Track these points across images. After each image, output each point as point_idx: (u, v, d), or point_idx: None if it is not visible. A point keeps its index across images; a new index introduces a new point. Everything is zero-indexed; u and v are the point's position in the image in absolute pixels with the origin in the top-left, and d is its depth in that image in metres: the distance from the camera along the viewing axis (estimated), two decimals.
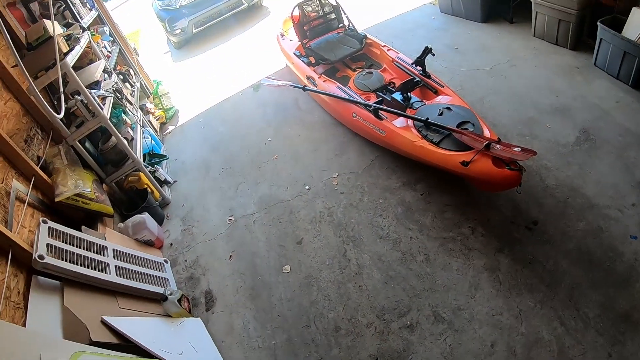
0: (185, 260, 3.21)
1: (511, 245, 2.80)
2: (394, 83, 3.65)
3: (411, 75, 3.57)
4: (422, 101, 3.32)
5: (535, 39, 4.48)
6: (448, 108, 3.07)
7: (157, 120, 4.58)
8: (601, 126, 3.49)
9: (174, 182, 3.84)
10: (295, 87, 3.83)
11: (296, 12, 4.24)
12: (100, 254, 2.66)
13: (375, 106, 3.16)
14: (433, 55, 3.52)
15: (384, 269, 2.82)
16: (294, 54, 4.28)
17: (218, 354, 2.67)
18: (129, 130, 3.58)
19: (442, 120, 2.96)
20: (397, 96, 3.31)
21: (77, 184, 2.86)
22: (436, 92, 3.40)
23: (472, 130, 2.85)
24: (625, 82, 3.77)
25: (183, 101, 5.05)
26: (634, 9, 3.57)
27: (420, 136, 2.94)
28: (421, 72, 3.53)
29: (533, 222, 2.90)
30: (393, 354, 2.48)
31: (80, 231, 2.75)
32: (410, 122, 3.07)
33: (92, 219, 3.04)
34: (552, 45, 4.37)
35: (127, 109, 3.79)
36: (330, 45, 4.13)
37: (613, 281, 2.57)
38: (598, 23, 3.71)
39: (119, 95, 3.69)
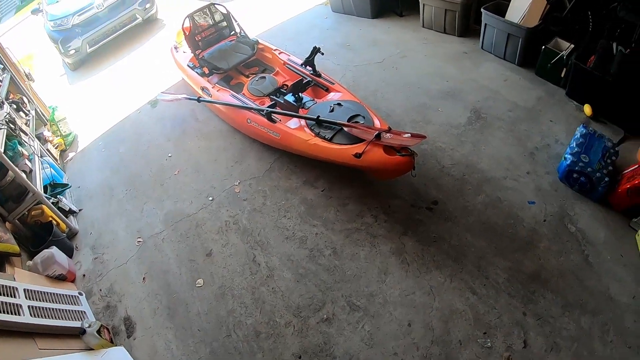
0: (100, 290, 3.01)
1: (414, 227, 2.88)
2: (287, 85, 3.60)
3: (302, 76, 3.54)
4: (313, 100, 3.31)
5: (424, 30, 4.65)
6: (339, 104, 3.09)
7: (56, 148, 4.21)
8: (491, 105, 3.68)
9: (79, 210, 3.57)
10: (190, 99, 3.67)
11: (187, 24, 4.06)
12: (10, 296, 2.41)
13: (267, 110, 3.12)
14: (322, 54, 3.52)
15: (294, 268, 2.81)
16: (188, 65, 4.10)
17: None
18: (27, 162, 3.27)
19: (333, 116, 2.98)
20: (289, 98, 3.28)
21: None
22: (327, 90, 3.41)
23: (362, 122, 2.87)
24: (512, 61, 4.02)
25: (82, 125, 4.64)
26: None
27: (314, 134, 2.93)
28: (312, 71, 3.50)
29: (433, 203, 2.99)
30: (315, 349, 2.46)
31: None
32: (303, 121, 3.06)
33: None
34: (440, 34, 4.56)
35: (22, 140, 3.45)
36: (223, 54, 4.01)
37: (517, 246, 2.72)
38: (482, 10, 3.92)
39: (12, 126, 3.34)
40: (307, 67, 3.51)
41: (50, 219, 3.18)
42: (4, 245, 2.77)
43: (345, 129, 2.80)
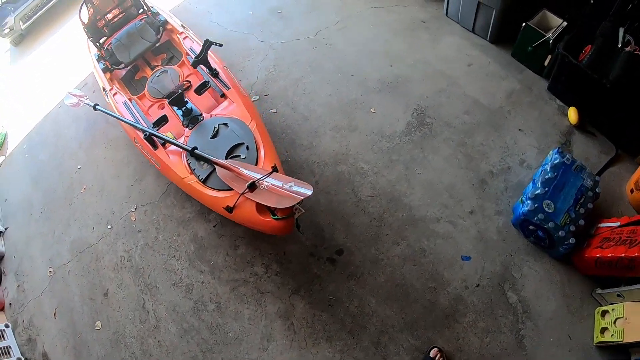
0: (23, 321, 3.00)
1: (309, 284, 2.39)
2: (189, 82, 2.85)
3: (203, 74, 2.79)
4: (201, 115, 2.56)
5: None
6: (225, 124, 2.42)
7: None
8: (443, 102, 2.75)
9: (5, 229, 3.47)
10: (88, 105, 3.02)
11: (85, 13, 3.24)
12: None
13: (148, 131, 2.48)
14: (220, 45, 2.67)
15: (179, 321, 2.51)
16: (94, 55, 3.35)
17: None
18: None
19: (213, 145, 2.36)
20: (178, 111, 2.58)
21: None
22: (223, 96, 2.61)
23: (243, 157, 2.23)
24: (483, 36, 2.99)
25: (16, 120, 4.25)
26: None
27: (189, 170, 2.33)
28: (208, 70, 2.68)
29: (337, 252, 2.41)
30: None
31: None
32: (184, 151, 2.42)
33: None
34: None
35: None
36: (130, 40, 3.23)
37: (433, 320, 2.18)
38: None
39: None
40: (201, 65, 2.67)
41: None
42: None
43: (217, 169, 2.16)
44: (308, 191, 1.84)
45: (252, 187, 1.97)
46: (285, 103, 2.94)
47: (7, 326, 2.95)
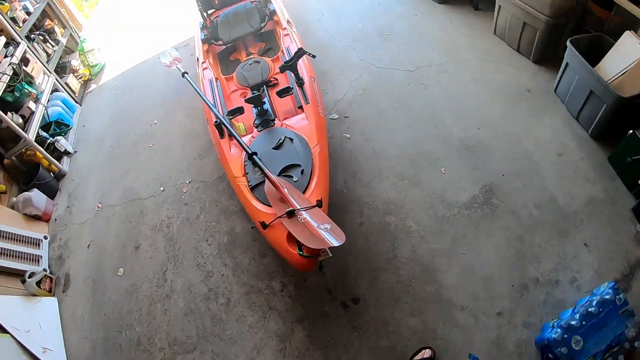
0: (60, 239, 3.28)
1: (315, 319, 2.38)
2: (276, 79, 2.92)
3: (289, 78, 2.81)
4: (274, 120, 2.62)
5: (493, 39, 3.27)
6: (291, 139, 2.42)
7: (79, 79, 4.27)
8: (517, 187, 2.58)
9: (75, 152, 3.76)
10: (179, 69, 3.17)
11: None
12: None
13: (219, 119, 2.58)
14: (313, 57, 2.70)
15: (189, 300, 2.63)
16: (200, 23, 3.49)
17: (60, 334, 2.80)
18: (31, 104, 3.45)
19: (273, 155, 2.37)
20: (254, 109, 2.67)
21: None
22: (301, 108, 2.65)
23: (295, 180, 2.23)
24: (585, 128, 2.67)
25: (115, 53, 4.50)
26: (626, 32, 2.33)
27: (243, 172, 2.39)
28: (296, 78, 2.72)
29: (353, 300, 2.40)
30: None
31: None
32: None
33: None
34: (511, 52, 3.17)
35: (34, 80, 3.60)
36: (236, 19, 3.31)
37: None
38: (568, 42, 2.60)
39: (18, 71, 3.43)
40: (289, 71, 2.72)
41: (41, 161, 3.41)
42: None
43: (266, 183, 2.20)
44: (338, 242, 1.78)
45: (290, 214, 1.94)
46: (361, 132, 2.93)
47: (45, 237, 3.22)
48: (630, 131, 2.29)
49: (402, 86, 3.10)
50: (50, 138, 3.54)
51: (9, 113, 3.26)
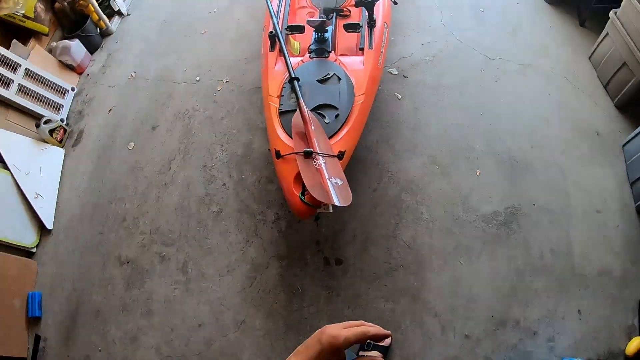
0: (86, 95, 3.24)
1: (293, 262, 2.31)
2: (348, 10, 2.65)
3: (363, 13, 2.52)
4: (330, 52, 2.38)
5: (587, 63, 2.79)
6: (339, 78, 2.20)
7: None
8: (540, 222, 2.31)
9: (127, 14, 3.62)
10: None
11: None
12: (10, 70, 2.73)
13: (275, 30, 2.37)
14: (395, 4, 2.43)
15: (183, 196, 2.58)
16: None
17: (56, 186, 2.84)
18: None
19: (314, 88, 2.17)
20: (314, 34, 2.44)
21: (18, 4, 2.84)
22: (362, 50, 2.38)
23: (326, 122, 2.04)
24: (635, 198, 2.35)
25: None
26: None
27: (279, 92, 2.21)
28: (368, 18, 2.44)
29: (337, 260, 2.30)
30: (139, 268, 2.45)
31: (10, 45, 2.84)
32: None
33: (28, 34, 3.08)
34: (597, 85, 2.70)
35: None
36: None
37: None
38: None
39: None
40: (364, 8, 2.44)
41: (91, 14, 3.30)
42: (34, 24, 3.02)
43: (296, 114, 2.03)
44: (341, 204, 1.66)
45: (308, 154, 1.80)
46: (413, 98, 2.68)
47: (72, 89, 3.19)
48: None
49: (473, 69, 2.78)
50: None
51: None
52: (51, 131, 2.85)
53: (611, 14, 2.47)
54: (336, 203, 1.65)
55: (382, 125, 2.57)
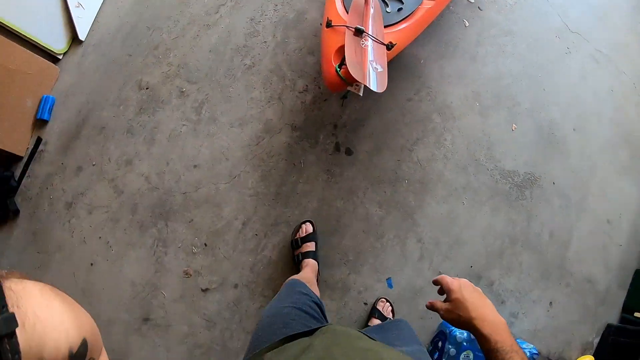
0: None
1: (305, 137, 2.24)
2: None
3: None
4: None
5: None
6: None
7: None
8: (553, 204, 2.27)
9: None
10: None
11: None
12: None
13: None
14: None
15: (222, 41, 2.45)
16: None
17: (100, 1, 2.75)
18: None
19: None
20: None
21: None
22: None
23: (387, 10, 1.91)
24: None
25: None
26: None
27: None
28: None
29: (347, 150, 2.22)
30: (155, 97, 2.42)
31: None
32: None
33: None
34: None
35: None
36: None
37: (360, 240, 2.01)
38: None
39: None
40: None
41: None
42: None
43: None
44: (375, 88, 1.59)
45: (358, 32, 1.70)
46: (480, 32, 2.47)
47: None
48: None
49: (549, 32, 2.52)
50: None
51: None
52: None
53: None
54: (371, 86, 1.59)
55: (440, 44, 2.41)
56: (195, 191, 2.24)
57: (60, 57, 2.59)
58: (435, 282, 0.97)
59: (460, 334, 1.88)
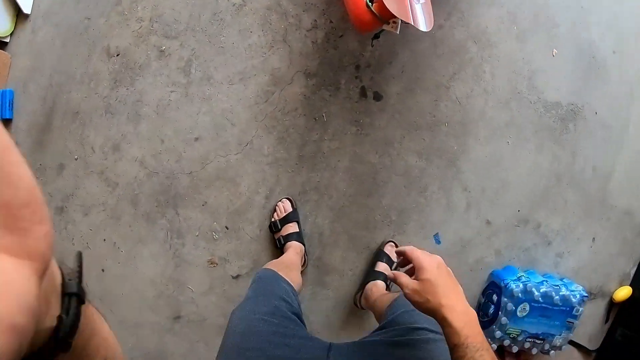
0: None
1: (323, 84, 1.84)
2: None
3: None
4: None
5: None
6: None
7: None
8: (596, 136, 2.05)
9: None
10: None
11: None
12: None
13: None
14: None
15: None
16: None
17: None
18: None
19: None
20: None
21: None
22: None
23: None
24: None
25: None
26: None
27: None
28: None
29: (375, 94, 1.84)
30: (130, 63, 1.96)
31: None
32: None
33: None
34: None
35: None
36: None
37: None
38: None
39: None
40: None
41: None
42: None
43: None
44: (422, 26, 1.26)
45: None
46: None
47: None
48: None
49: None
50: None
51: None
52: None
53: None
54: (419, 25, 1.25)
55: None
56: (202, 168, 1.89)
57: (7, 40, 2.10)
58: (400, 253, 0.87)
59: (516, 287, 1.74)
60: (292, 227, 1.76)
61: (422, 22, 1.27)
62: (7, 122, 2.03)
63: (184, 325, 1.92)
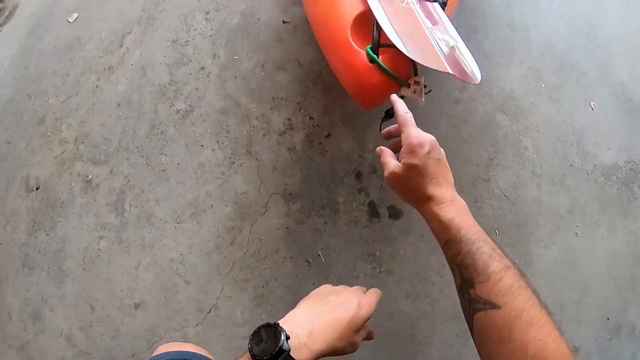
0: None
1: (313, 207, 1.30)
2: None
3: None
4: None
5: None
6: None
7: None
8: None
9: None
10: None
11: None
12: None
13: None
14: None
15: (134, 85, 1.51)
16: None
17: None
18: None
19: None
20: None
21: None
22: None
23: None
24: None
25: None
26: None
27: None
28: None
29: (391, 210, 1.22)
30: (51, 199, 1.46)
31: None
32: None
33: None
34: None
35: None
36: None
37: None
38: None
39: None
40: None
41: None
42: None
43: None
44: (463, 76, 0.76)
45: None
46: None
47: None
48: None
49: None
50: None
51: None
52: None
53: None
54: (473, 78, 0.77)
55: (465, 13, 1.48)
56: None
57: None
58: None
59: None
60: None
61: (473, 74, 0.74)
62: None
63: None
